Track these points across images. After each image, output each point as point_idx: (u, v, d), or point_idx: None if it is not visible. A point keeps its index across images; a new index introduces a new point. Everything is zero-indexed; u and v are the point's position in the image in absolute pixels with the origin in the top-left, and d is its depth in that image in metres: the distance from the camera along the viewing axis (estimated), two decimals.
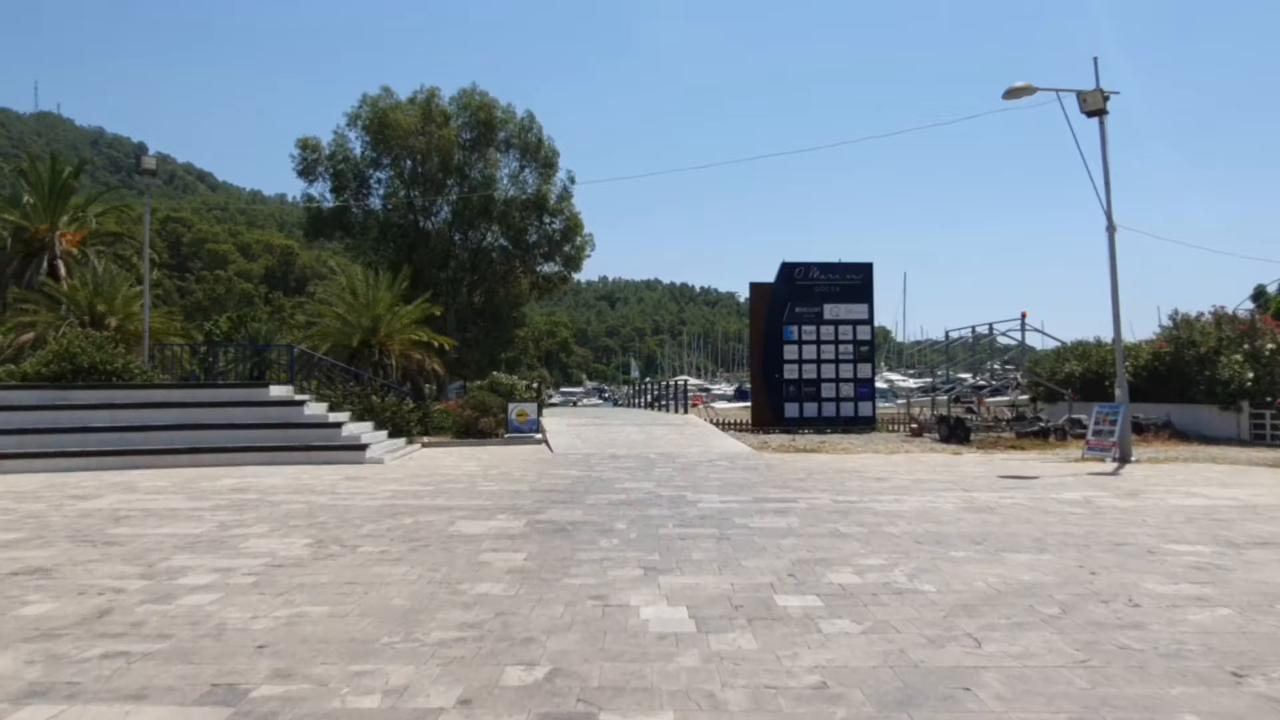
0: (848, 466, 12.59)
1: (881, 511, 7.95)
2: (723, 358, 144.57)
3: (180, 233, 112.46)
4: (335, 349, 18.60)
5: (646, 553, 6.03)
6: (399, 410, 16.43)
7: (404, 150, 33.21)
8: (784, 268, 21.35)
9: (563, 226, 35.15)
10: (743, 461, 13.49)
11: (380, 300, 19.17)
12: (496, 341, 35.95)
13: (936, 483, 10.37)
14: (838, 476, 11.11)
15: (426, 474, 11.64)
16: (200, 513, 7.94)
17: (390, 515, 7.76)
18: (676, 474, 11.53)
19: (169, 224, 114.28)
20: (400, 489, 9.83)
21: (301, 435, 13.80)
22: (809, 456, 14.54)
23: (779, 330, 21.23)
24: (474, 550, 6.12)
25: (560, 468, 12.45)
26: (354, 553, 6.04)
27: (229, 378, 19.30)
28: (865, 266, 21.57)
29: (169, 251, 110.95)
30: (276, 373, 17.65)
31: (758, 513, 7.89)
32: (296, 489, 9.82)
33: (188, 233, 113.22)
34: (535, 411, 17.72)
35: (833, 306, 21.30)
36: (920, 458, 14.24)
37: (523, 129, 34.36)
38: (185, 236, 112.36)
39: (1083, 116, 13.66)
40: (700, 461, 13.42)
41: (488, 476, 11.21)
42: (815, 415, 21.11)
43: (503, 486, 10.02)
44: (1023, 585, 5.05)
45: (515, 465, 12.84)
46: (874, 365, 21.69)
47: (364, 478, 11.10)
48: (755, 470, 12.08)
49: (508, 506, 8.31)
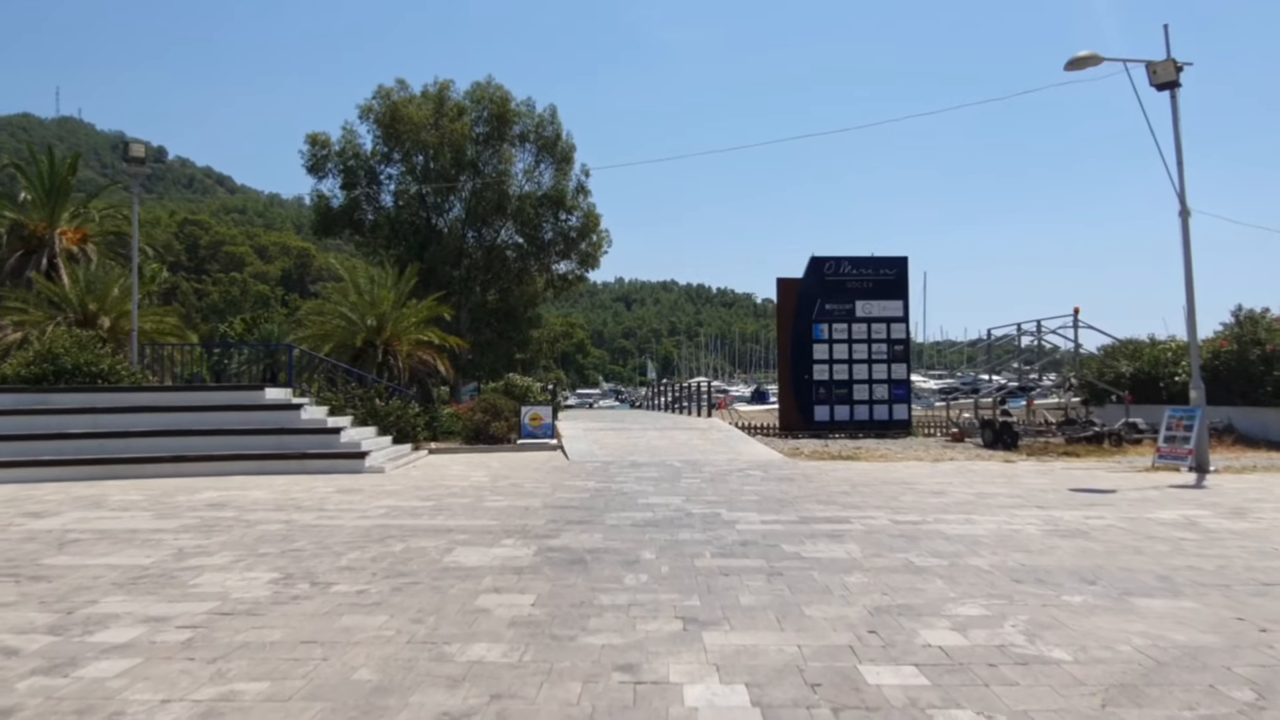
0: (894, 477, 11.37)
1: (955, 536, 6.74)
2: (740, 359, 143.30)
3: (198, 235, 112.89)
4: (338, 350, 17.60)
5: (683, 595, 4.88)
6: (404, 414, 15.37)
7: (415, 145, 32.25)
8: (813, 262, 20.13)
9: (579, 223, 34.06)
10: (777, 471, 12.30)
11: (385, 298, 18.14)
12: (511, 342, 34.91)
13: (1002, 498, 9.13)
14: (888, 490, 9.90)
15: (429, 485, 10.54)
16: (161, 536, 6.86)
17: (379, 540, 6.65)
18: (706, 486, 10.36)
19: (186, 226, 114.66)
20: (397, 504, 8.73)
21: (297, 442, 12.75)
22: (848, 465, 13.32)
23: (808, 328, 20.00)
24: (471, 590, 4.99)
25: (577, 478, 11.32)
26: (324, 593, 4.93)
27: (242, 381, 18.41)
28: (900, 260, 20.30)
29: (187, 254, 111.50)
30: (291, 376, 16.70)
31: (808, 537, 6.71)
32: (280, 504, 8.75)
33: (205, 235, 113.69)
34: (550, 415, 16.61)
35: (865, 303, 20.05)
36: (970, 466, 12.99)
37: (541, 122, 33.30)
38: (203, 239, 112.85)
39: (1151, 91, 12.38)
40: (730, 471, 12.24)
41: (496, 489, 10.10)
42: (847, 419, 19.86)
43: (512, 502, 8.90)
44: (1182, 650, 3.85)
45: (527, 475, 11.73)
46: (909, 365, 20.41)
47: (360, 490, 10.02)
48: (792, 481, 10.89)
49: (516, 528, 7.18)
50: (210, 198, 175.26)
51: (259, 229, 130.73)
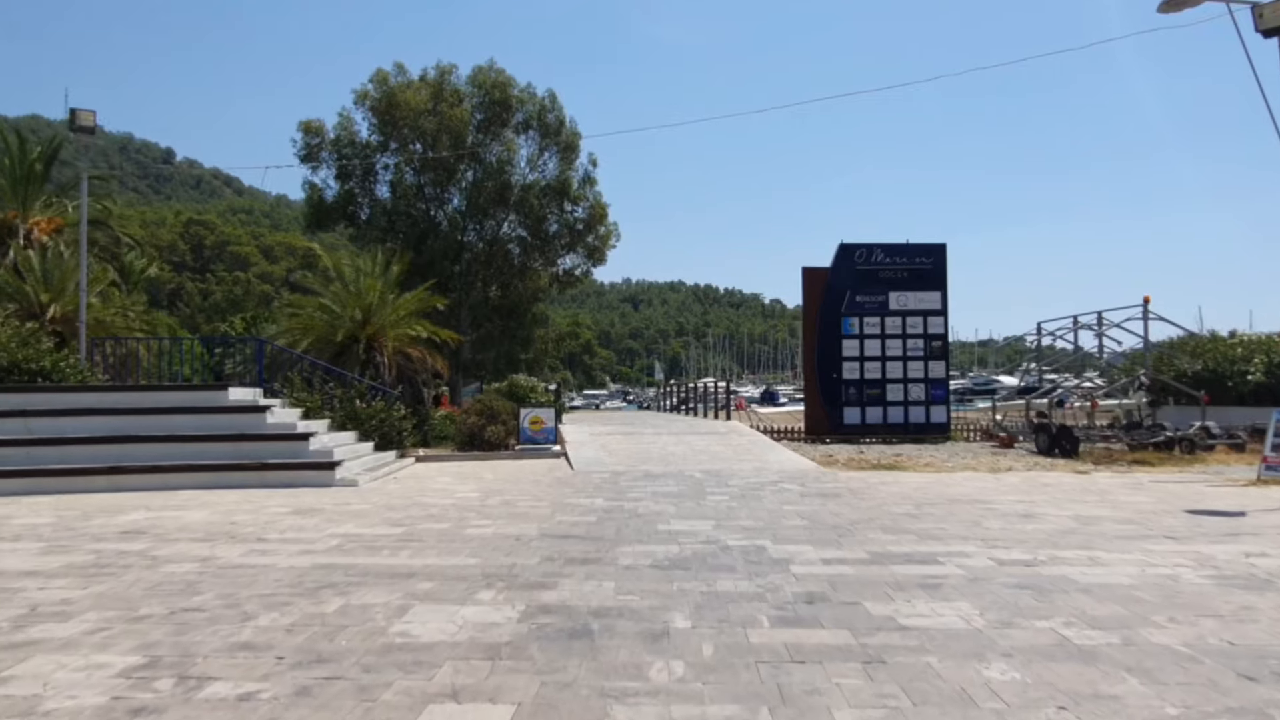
0: (958, 493, 9.58)
1: (1093, 587, 4.96)
2: (748, 360, 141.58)
3: (203, 235, 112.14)
4: (318, 346, 15.88)
5: (743, 706, 3.11)
6: (388, 418, 13.65)
7: (413, 132, 30.57)
8: (842, 250, 18.32)
9: (585, 215, 32.32)
10: (816, 484, 10.51)
11: (371, 288, 16.40)
12: (514, 340, 33.20)
13: (1110, 523, 7.34)
14: (962, 511, 8.11)
15: (405, 503, 8.81)
16: (21, 585, 5.13)
17: (311, 591, 4.91)
18: (737, 504, 8.60)
19: (192, 227, 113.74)
20: (357, 531, 7.00)
21: (259, 450, 11.04)
22: (895, 476, 11.53)
23: (837, 322, 18.20)
24: (416, 696, 3.24)
25: (582, 493, 9.57)
26: (186, 703, 3.18)
27: (245, 381, 16.64)
28: (937, 248, 18.47)
29: (192, 254, 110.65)
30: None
31: (894, 588, 4.94)
32: (213, 532, 7.02)
33: (211, 235, 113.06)
34: (552, 419, 14.87)
35: (900, 295, 18.23)
36: (1040, 479, 11.17)
37: (542, 109, 31.57)
38: (208, 239, 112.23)
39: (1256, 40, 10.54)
40: (761, 484, 10.47)
41: (485, 508, 8.36)
42: (879, 422, 18.05)
43: (500, 528, 7.15)
44: None
45: (524, 489, 9.98)
46: (948, 364, 18.58)
47: (319, 510, 8.29)
48: (839, 498, 9.11)
49: (500, 570, 5.44)
50: (218, 199, 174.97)
51: (265, 229, 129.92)
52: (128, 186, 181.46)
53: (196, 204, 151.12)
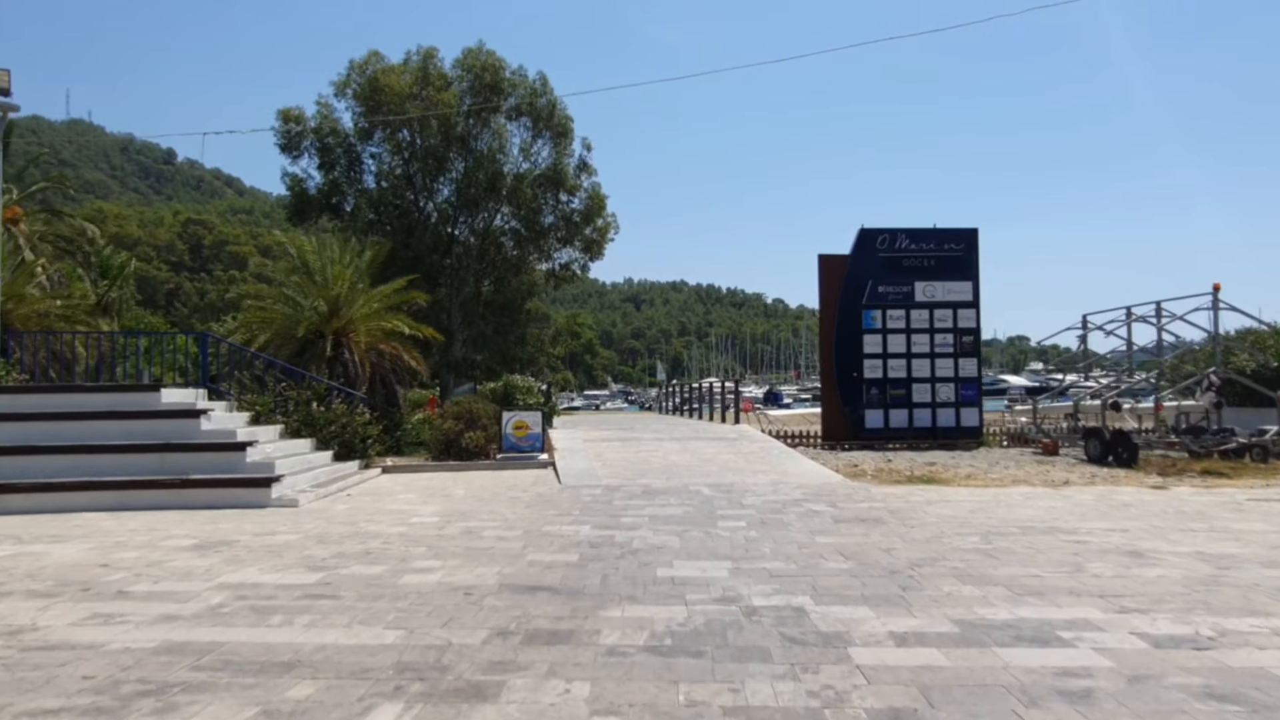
0: (1027, 517, 7.83)
1: None
2: (750, 360, 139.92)
3: (202, 235, 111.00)
4: (278, 340, 14.17)
5: None
6: (350, 422, 11.93)
7: (399, 118, 28.82)
8: (863, 236, 16.56)
9: (582, 205, 30.55)
10: (849, 503, 8.76)
11: (339, 277, 14.65)
12: (508, 339, 31.42)
13: (1252, 565, 5.60)
14: (1043, 544, 6.36)
15: (344, 532, 7.08)
16: None
17: (113, 711, 3.18)
18: (757, 534, 6.86)
19: (190, 226, 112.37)
20: (257, 579, 5.27)
21: (186, 462, 9.32)
22: (940, 492, 9.77)
23: (857, 315, 16.44)
24: None
25: (566, 517, 7.83)
26: None
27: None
28: (968, 233, 16.70)
29: (190, 254, 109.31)
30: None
31: (1020, 696, 3.19)
32: (66, 580, 5.29)
33: (209, 235, 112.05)
34: (539, 423, 13.11)
35: (927, 285, 16.47)
36: (1114, 495, 9.41)
37: (533, 93, 29.79)
38: (206, 239, 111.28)
39: None
40: (783, 503, 8.72)
41: (440, 540, 6.63)
42: (905, 425, 16.29)
43: (449, 574, 5.41)
44: None
45: (497, 510, 8.25)
46: (980, 361, 16.81)
47: (232, 542, 6.56)
48: (882, 524, 7.36)
49: (423, 661, 3.70)
50: (219, 199, 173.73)
51: (264, 229, 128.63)
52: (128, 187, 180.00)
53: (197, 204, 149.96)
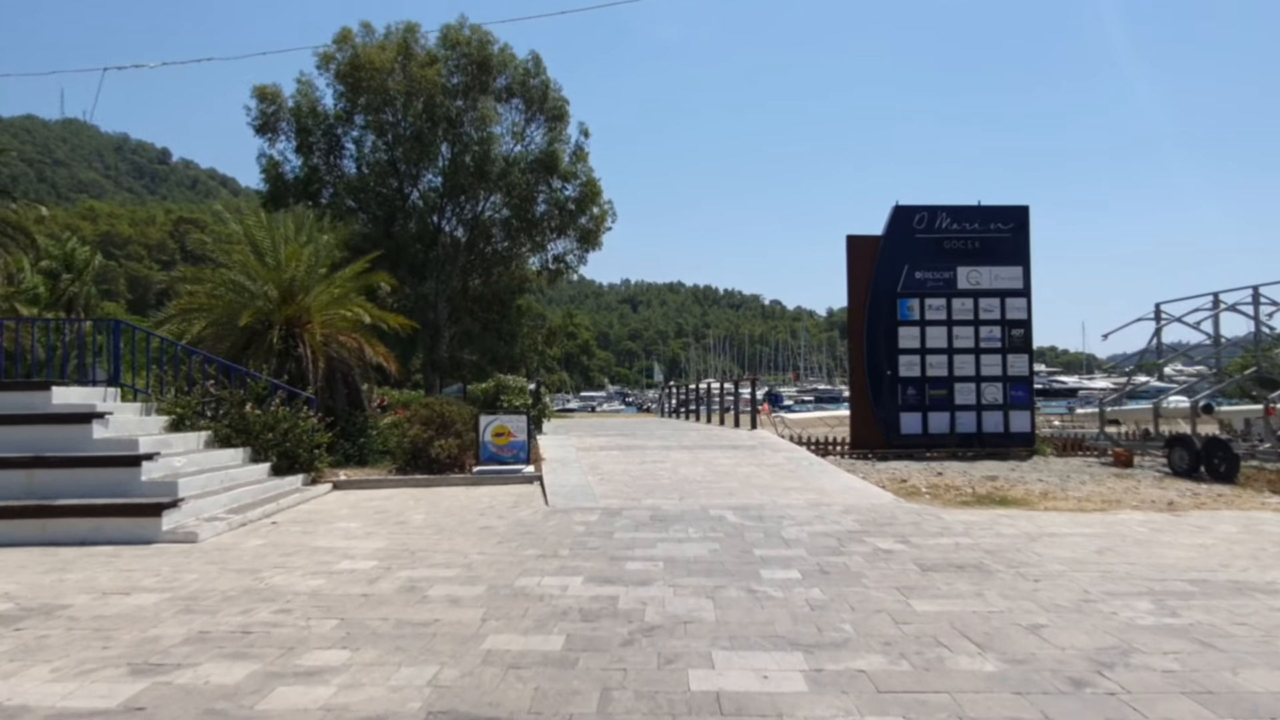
0: (1177, 561, 5.75)
1: None
2: (748, 361, 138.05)
3: (193, 233, 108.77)
4: (218, 330, 12.06)
5: None
6: (293, 428, 9.81)
7: (381, 97, 26.73)
8: (898, 214, 14.50)
9: (577, 193, 28.49)
10: (925, 538, 6.66)
11: (294, 257, 12.55)
12: (497, 336, 29.33)
13: None
14: (1249, 612, 4.28)
15: (231, 590, 4.98)
16: None
17: None
18: (826, 597, 4.77)
19: (181, 225, 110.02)
20: (23, 703, 3.16)
21: (64, 481, 7.20)
22: (1030, 519, 7.67)
23: (891, 305, 14.37)
24: None
25: (550, 560, 5.74)
26: None
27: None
28: (1018, 211, 14.64)
29: (181, 252, 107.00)
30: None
31: None
32: None
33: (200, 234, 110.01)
34: (524, 430, 11.00)
35: (971, 270, 14.42)
36: (1256, 522, 7.34)
37: (525, 73, 27.73)
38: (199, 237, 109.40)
39: None
40: (838, 535, 6.62)
41: (363, 609, 4.54)
42: (945, 430, 14.22)
43: (349, 686, 3.32)
44: None
45: (459, 548, 6.14)
46: (1032, 358, 14.74)
47: (58, 608, 4.47)
48: (988, 574, 5.28)
49: None
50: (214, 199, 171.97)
51: None
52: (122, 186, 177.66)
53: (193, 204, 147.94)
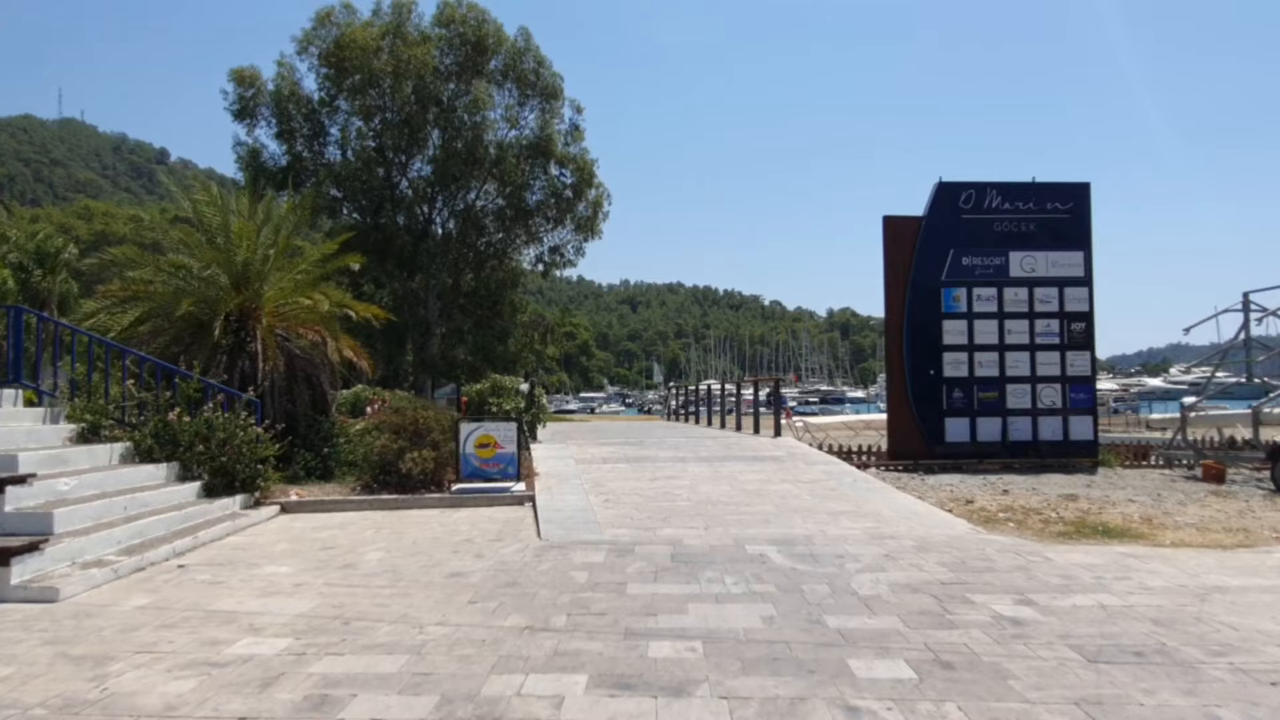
0: None
1: None
2: (748, 362, 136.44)
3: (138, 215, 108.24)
4: (156, 321, 10.31)
5: None
6: (231, 438, 8.04)
7: (367, 78, 24.94)
8: (942, 191, 12.77)
9: (573, 179, 26.69)
10: (1050, 595, 4.90)
11: (245, 234, 10.79)
12: (491, 333, 27.53)
13: None
14: None
15: (58, 696, 3.21)
16: None
17: None
18: (964, 714, 3.01)
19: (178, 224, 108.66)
20: None
21: None
22: (1164, 559, 5.91)
23: (934, 295, 12.63)
24: None
25: (539, 637, 3.97)
26: None
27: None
28: (1079, 189, 12.91)
29: None
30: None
31: None
32: None
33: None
34: (513, 440, 9.24)
35: (1025, 255, 12.68)
36: None
37: (516, 52, 25.96)
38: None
39: None
40: (927, 586, 4.87)
41: None
42: (996, 438, 12.47)
43: None
44: None
45: (415, 610, 4.38)
46: (1094, 356, 13.00)
47: None
48: (1188, 669, 3.54)
49: None
50: None
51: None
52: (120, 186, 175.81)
53: None
